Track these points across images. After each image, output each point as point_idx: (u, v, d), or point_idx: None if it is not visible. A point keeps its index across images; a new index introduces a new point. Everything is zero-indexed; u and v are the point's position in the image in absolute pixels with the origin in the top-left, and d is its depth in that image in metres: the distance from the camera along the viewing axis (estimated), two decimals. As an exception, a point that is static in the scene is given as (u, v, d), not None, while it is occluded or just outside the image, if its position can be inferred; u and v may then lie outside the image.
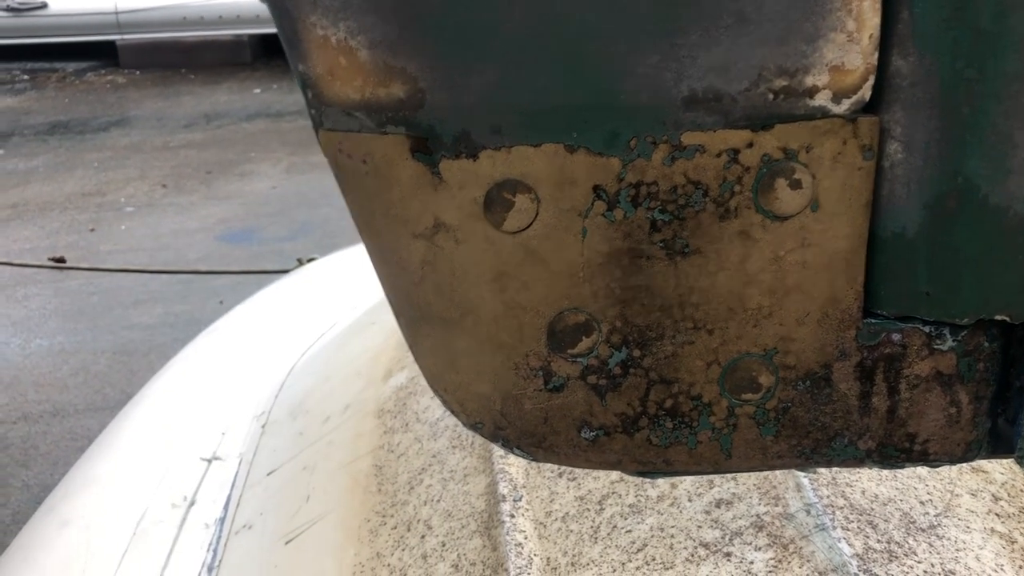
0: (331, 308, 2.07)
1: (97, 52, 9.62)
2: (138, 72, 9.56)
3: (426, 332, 0.57)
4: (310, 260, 2.58)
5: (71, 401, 3.62)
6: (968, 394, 0.55)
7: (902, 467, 0.58)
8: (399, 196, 0.52)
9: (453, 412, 0.60)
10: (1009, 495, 1.04)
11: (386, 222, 0.53)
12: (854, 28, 0.47)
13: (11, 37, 9.39)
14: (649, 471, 0.59)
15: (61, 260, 4.93)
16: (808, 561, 0.91)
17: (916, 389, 0.55)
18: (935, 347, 0.53)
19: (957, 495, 1.01)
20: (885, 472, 1.04)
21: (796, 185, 0.50)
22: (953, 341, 0.53)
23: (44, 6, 9.33)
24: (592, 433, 0.57)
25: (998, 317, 0.52)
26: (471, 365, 0.56)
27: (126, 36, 9.48)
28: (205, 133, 7.67)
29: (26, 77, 9.56)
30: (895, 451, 0.56)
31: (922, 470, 1.04)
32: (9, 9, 9.25)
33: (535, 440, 0.58)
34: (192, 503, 1.43)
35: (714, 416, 0.56)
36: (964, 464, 1.06)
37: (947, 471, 1.05)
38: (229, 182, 6.39)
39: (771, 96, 0.48)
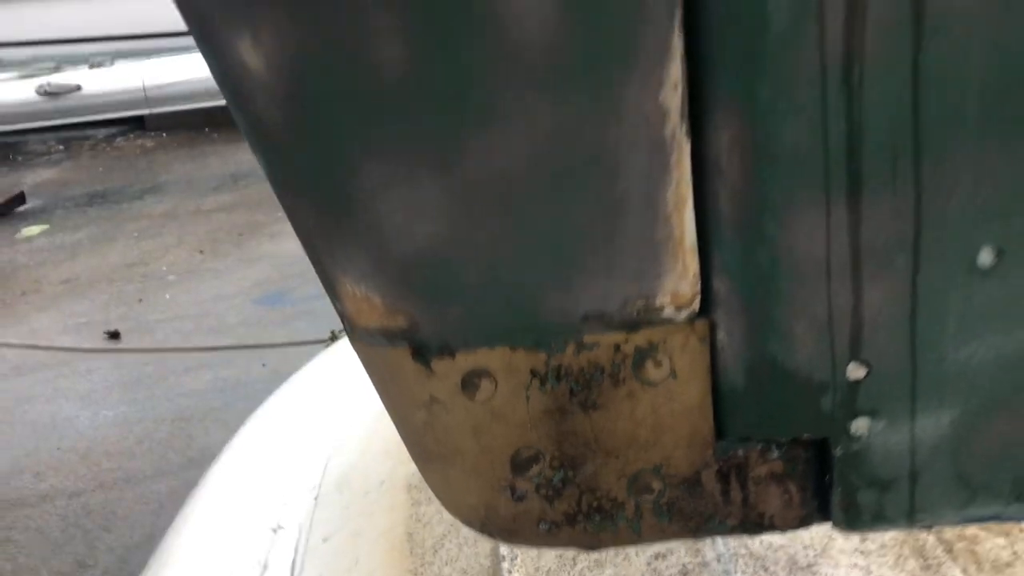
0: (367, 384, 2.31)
1: (125, 117, 9.86)
2: (164, 134, 9.68)
3: (430, 465, 0.83)
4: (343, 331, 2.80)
5: (140, 467, 3.81)
6: (795, 485, 0.79)
7: (760, 534, 0.84)
8: (405, 382, 0.76)
9: (453, 515, 0.87)
10: (872, 535, 1.29)
11: (399, 398, 0.79)
12: (682, 269, 0.72)
13: (47, 119, 9.54)
14: (590, 547, 0.85)
15: (116, 335, 5.18)
16: (714, 599, 1.19)
17: (759, 485, 0.78)
18: (768, 457, 0.78)
19: (833, 538, 1.27)
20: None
21: (658, 364, 0.73)
22: (778, 452, 0.78)
23: (78, 88, 9.48)
24: (547, 526, 0.81)
25: (804, 437, 0.78)
26: (462, 486, 0.81)
27: (155, 109, 9.68)
28: (233, 194, 7.72)
29: (61, 147, 9.64)
30: (752, 525, 0.80)
31: (808, 519, 1.32)
32: (45, 93, 9.41)
33: (509, 533, 0.83)
34: (265, 567, 1.70)
35: (626, 511, 0.80)
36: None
37: (828, 519, 1.33)
38: (260, 244, 6.49)
39: (635, 312, 0.73)
